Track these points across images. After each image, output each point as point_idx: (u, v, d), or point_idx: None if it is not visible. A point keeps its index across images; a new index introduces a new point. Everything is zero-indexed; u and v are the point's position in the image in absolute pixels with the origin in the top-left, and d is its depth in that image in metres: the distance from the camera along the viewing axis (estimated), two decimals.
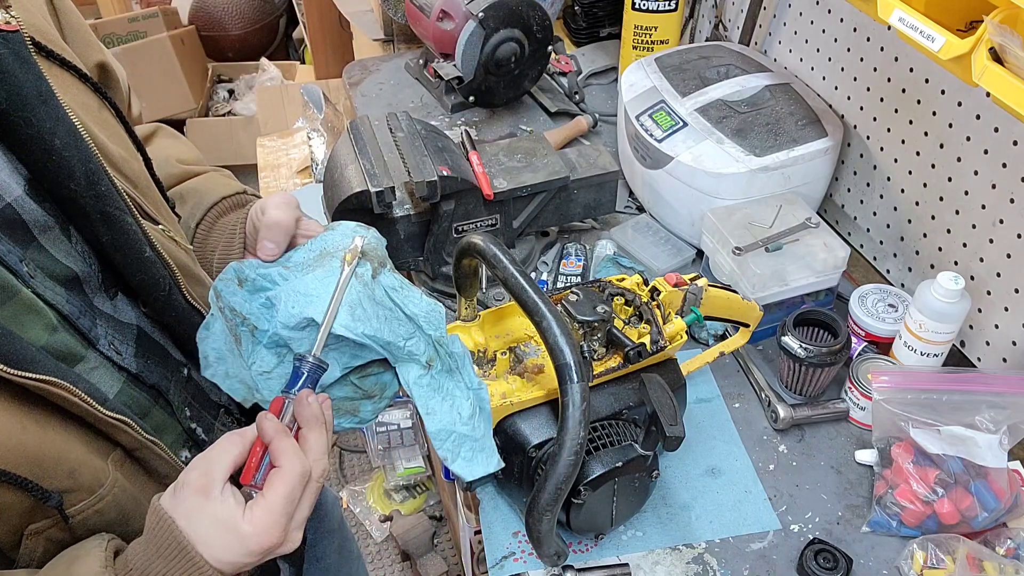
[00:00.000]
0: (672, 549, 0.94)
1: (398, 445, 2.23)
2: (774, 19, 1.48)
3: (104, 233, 0.71)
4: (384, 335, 0.72)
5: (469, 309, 0.96)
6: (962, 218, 1.14)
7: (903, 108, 1.21)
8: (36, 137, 0.66)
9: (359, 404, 0.78)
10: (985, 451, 0.92)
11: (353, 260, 0.73)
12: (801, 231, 1.17)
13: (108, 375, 0.71)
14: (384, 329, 0.72)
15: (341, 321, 0.70)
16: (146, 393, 0.74)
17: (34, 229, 0.66)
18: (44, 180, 0.68)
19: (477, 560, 1.61)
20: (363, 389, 0.77)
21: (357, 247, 0.74)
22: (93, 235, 0.71)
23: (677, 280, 0.97)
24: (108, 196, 0.71)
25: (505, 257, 0.83)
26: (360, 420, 0.78)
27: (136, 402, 0.73)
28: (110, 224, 0.71)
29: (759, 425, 1.09)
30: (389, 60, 1.86)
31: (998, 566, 0.87)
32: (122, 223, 0.72)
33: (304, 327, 0.72)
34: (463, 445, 0.78)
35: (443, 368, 0.77)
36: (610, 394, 0.91)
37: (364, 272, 0.74)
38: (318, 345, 0.70)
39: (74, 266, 0.69)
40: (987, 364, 1.14)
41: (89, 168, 0.69)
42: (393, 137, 1.23)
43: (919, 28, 0.80)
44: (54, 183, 0.68)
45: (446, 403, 0.77)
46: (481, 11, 1.46)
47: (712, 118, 1.27)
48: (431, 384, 0.76)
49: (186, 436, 0.79)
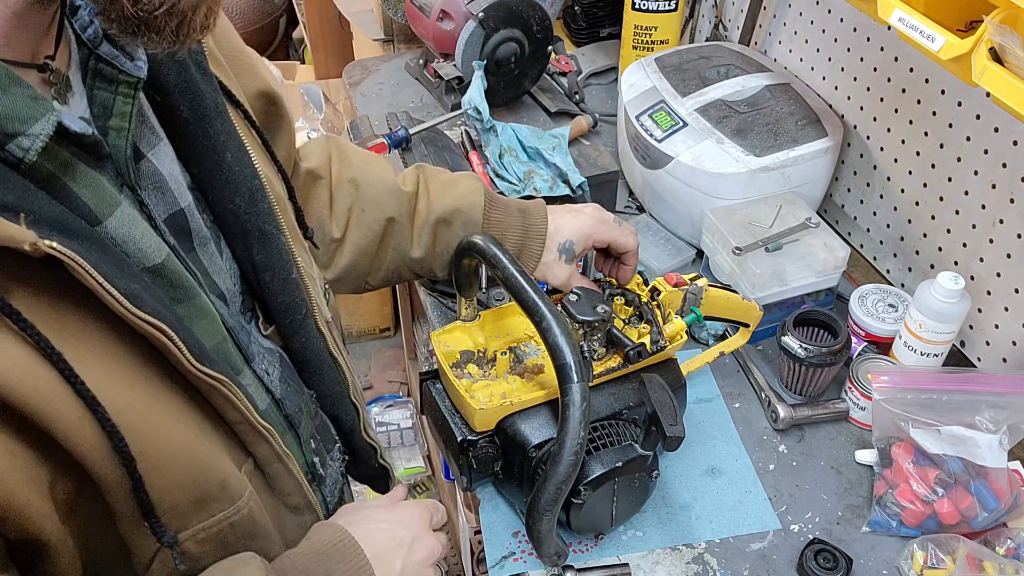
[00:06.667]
0: (672, 549, 0.94)
1: (398, 445, 2.23)
2: (774, 19, 1.48)
3: (259, 251, 0.71)
4: None
5: (469, 309, 0.96)
6: (962, 218, 1.14)
7: (903, 108, 1.21)
8: (211, 149, 0.67)
9: None
10: (985, 451, 0.92)
11: None
12: (801, 231, 1.17)
13: (259, 393, 0.71)
14: None
15: None
16: (283, 420, 0.74)
17: (195, 239, 0.66)
18: (209, 193, 0.68)
19: (477, 560, 1.61)
20: None
21: None
22: (247, 252, 0.71)
23: (677, 280, 0.97)
24: (267, 214, 0.71)
25: (505, 257, 0.83)
26: None
27: (277, 424, 0.72)
28: (265, 242, 0.71)
29: (759, 425, 1.09)
30: (389, 60, 1.86)
31: (998, 566, 0.87)
32: (277, 242, 0.72)
33: None
34: None
35: None
36: (610, 394, 0.91)
37: None
38: None
39: (222, 284, 0.69)
40: (987, 364, 1.14)
41: (254, 185, 0.70)
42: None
43: (919, 28, 0.80)
44: (219, 196, 0.68)
45: None
46: (481, 11, 1.46)
47: (712, 118, 1.27)
48: None
49: (308, 468, 0.78)
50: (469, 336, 0.96)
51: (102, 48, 0.57)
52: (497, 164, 1.31)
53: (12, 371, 0.47)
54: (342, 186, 0.96)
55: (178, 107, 0.65)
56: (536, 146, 1.33)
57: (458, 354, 0.94)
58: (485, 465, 0.91)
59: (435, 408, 0.94)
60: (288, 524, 0.74)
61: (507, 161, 1.31)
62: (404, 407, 2.32)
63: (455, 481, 1.08)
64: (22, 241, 0.47)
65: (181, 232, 0.65)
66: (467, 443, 0.89)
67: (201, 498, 0.60)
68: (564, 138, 1.37)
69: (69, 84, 0.56)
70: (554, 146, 1.34)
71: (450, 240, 0.97)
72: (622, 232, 0.98)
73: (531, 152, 1.33)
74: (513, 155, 1.32)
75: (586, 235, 0.98)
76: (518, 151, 1.33)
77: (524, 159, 1.33)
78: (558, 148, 1.34)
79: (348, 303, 2.53)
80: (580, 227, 0.97)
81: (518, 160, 1.32)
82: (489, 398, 0.87)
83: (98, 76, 0.57)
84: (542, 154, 1.31)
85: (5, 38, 0.50)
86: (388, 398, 2.39)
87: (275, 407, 0.73)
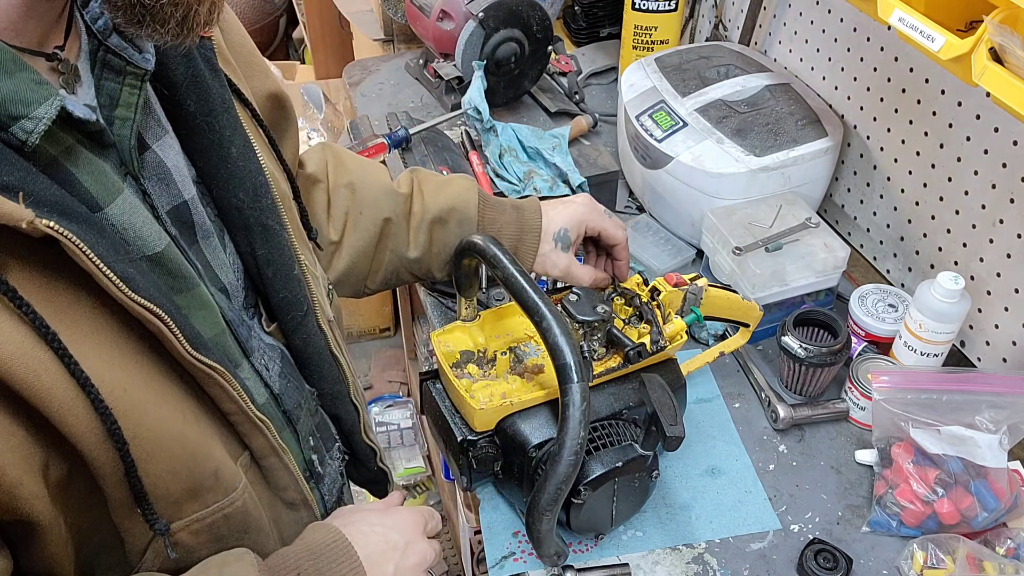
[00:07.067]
0: (672, 549, 0.94)
1: (398, 445, 2.23)
2: (774, 19, 1.48)
3: (261, 246, 0.71)
4: None
5: (469, 309, 0.96)
6: (962, 218, 1.14)
7: (903, 108, 1.21)
8: (216, 143, 0.67)
9: None
10: (985, 451, 0.92)
11: None
12: (801, 231, 1.17)
13: (257, 387, 0.71)
14: None
15: None
16: (282, 415, 0.74)
17: (198, 232, 0.67)
18: (213, 187, 0.69)
19: (477, 560, 1.61)
20: None
21: None
22: (249, 247, 0.71)
23: (677, 280, 0.97)
24: (271, 210, 0.72)
25: (505, 257, 0.83)
26: None
27: (274, 418, 0.72)
28: (268, 237, 0.71)
29: (759, 425, 1.09)
30: (389, 60, 1.86)
31: (998, 566, 0.87)
32: (280, 238, 0.73)
33: None
34: None
35: None
36: (610, 394, 0.91)
37: None
38: None
39: (224, 278, 0.69)
40: (987, 364, 1.14)
41: (258, 180, 0.71)
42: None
43: (919, 28, 0.80)
44: (224, 190, 0.69)
45: None
46: (481, 11, 1.46)
47: (712, 118, 1.27)
48: None
49: (305, 465, 0.78)
50: (469, 336, 0.96)
51: (111, 40, 0.57)
52: (497, 164, 1.31)
53: (6, 347, 0.48)
54: (339, 190, 0.97)
55: (185, 101, 0.66)
56: (536, 146, 1.33)
57: (458, 354, 0.94)
58: (485, 465, 0.91)
59: (435, 408, 0.94)
60: (284, 520, 0.74)
61: (507, 161, 1.31)
62: (404, 407, 2.32)
63: (455, 481, 1.08)
64: (19, 219, 0.47)
65: (184, 225, 0.65)
66: (467, 443, 0.89)
67: (194, 487, 0.60)
68: (564, 138, 1.37)
69: (78, 74, 0.56)
70: (554, 146, 1.34)
71: (446, 239, 0.97)
72: (613, 223, 1.00)
73: (531, 152, 1.33)
74: (513, 155, 1.32)
75: (579, 221, 0.99)
76: (518, 151, 1.33)
77: (524, 159, 1.33)
78: (558, 148, 1.34)
79: (348, 303, 2.53)
80: (573, 214, 0.99)
81: (518, 160, 1.32)
82: (489, 398, 0.87)
83: (106, 67, 0.58)
84: (542, 154, 1.32)
85: (14, 25, 0.51)
86: (388, 398, 2.39)
87: (273, 402, 0.73)
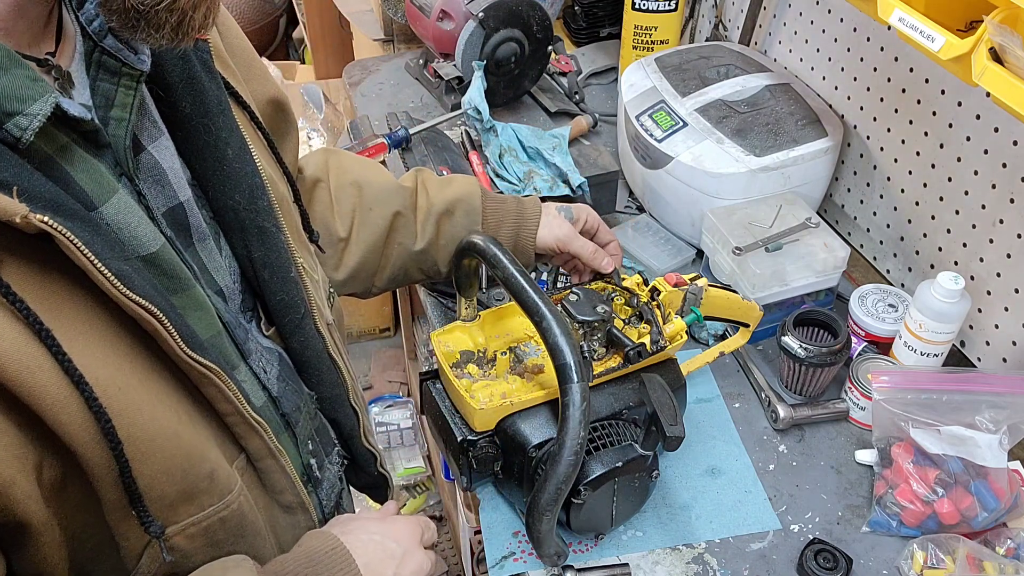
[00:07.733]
0: (672, 549, 0.94)
1: (398, 445, 2.23)
2: (774, 19, 1.48)
3: (257, 248, 0.71)
4: None
5: (469, 309, 0.96)
6: (962, 218, 1.14)
7: (903, 108, 1.21)
8: (212, 145, 0.67)
9: None
10: (985, 451, 0.92)
11: None
12: (801, 231, 1.17)
13: (254, 389, 0.70)
14: None
15: None
16: (280, 418, 0.74)
17: (194, 234, 0.67)
18: (209, 189, 0.69)
19: (477, 560, 1.61)
20: None
21: None
22: (246, 250, 0.71)
23: (677, 280, 0.97)
24: (267, 212, 0.72)
25: (505, 257, 0.83)
26: None
27: (272, 421, 0.72)
28: (264, 240, 0.71)
29: (759, 425, 1.09)
30: (389, 60, 1.86)
31: (998, 566, 0.87)
32: (276, 240, 0.73)
33: None
34: None
35: None
36: (610, 394, 0.91)
37: None
38: None
39: (221, 281, 0.69)
40: (987, 364, 1.14)
41: (254, 183, 0.70)
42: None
43: (919, 28, 0.80)
44: (219, 192, 0.69)
45: None
46: (481, 11, 1.46)
47: (712, 118, 1.27)
48: None
49: (303, 468, 0.78)
50: (469, 336, 0.96)
51: (107, 41, 0.57)
52: (497, 164, 1.31)
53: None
54: (344, 189, 0.98)
55: (181, 103, 0.65)
56: (536, 146, 1.33)
57: (458, 354, 0.94)
58: (485, 465, 0.91)
59: (435, 408, 0.94)
60: (280, 524, 0.74)
61: (507, 161, 1.31)
62: (404, 407, 2.32)
63: (455, 481, 1.08)
64: (13, 213, 0.47)
65: (180, 227, 0.65)
66: (467, 443, 0.89)
67: (189, 489, 0.60)
68: (564, 138, 1.37)
69: (71, 79, 0.56)
70: (554, 146, 1.34)
71: (453, 231, 1.00)
72: (605, 230, 1.10)
73: (531, 152, 1.33)
74: (513, 155, 1.32)
75: (579, 207, 1.08)
76: (518, 151, 1.33)
77: (524, 159, 1.33)
78: (558, 148, 1.34)
79: (348, 303, 2.53)
80: (571, 205, 1.06)
81: (518, 160, 1.32)
82: (489, 398, 0.87)
83: (101, 68, 0.58)
84: (542, 154, 1.32)
85: (5, 26, 0.51)
86: (388, 398, 2.39)
87: (271, 404, 0.73)
